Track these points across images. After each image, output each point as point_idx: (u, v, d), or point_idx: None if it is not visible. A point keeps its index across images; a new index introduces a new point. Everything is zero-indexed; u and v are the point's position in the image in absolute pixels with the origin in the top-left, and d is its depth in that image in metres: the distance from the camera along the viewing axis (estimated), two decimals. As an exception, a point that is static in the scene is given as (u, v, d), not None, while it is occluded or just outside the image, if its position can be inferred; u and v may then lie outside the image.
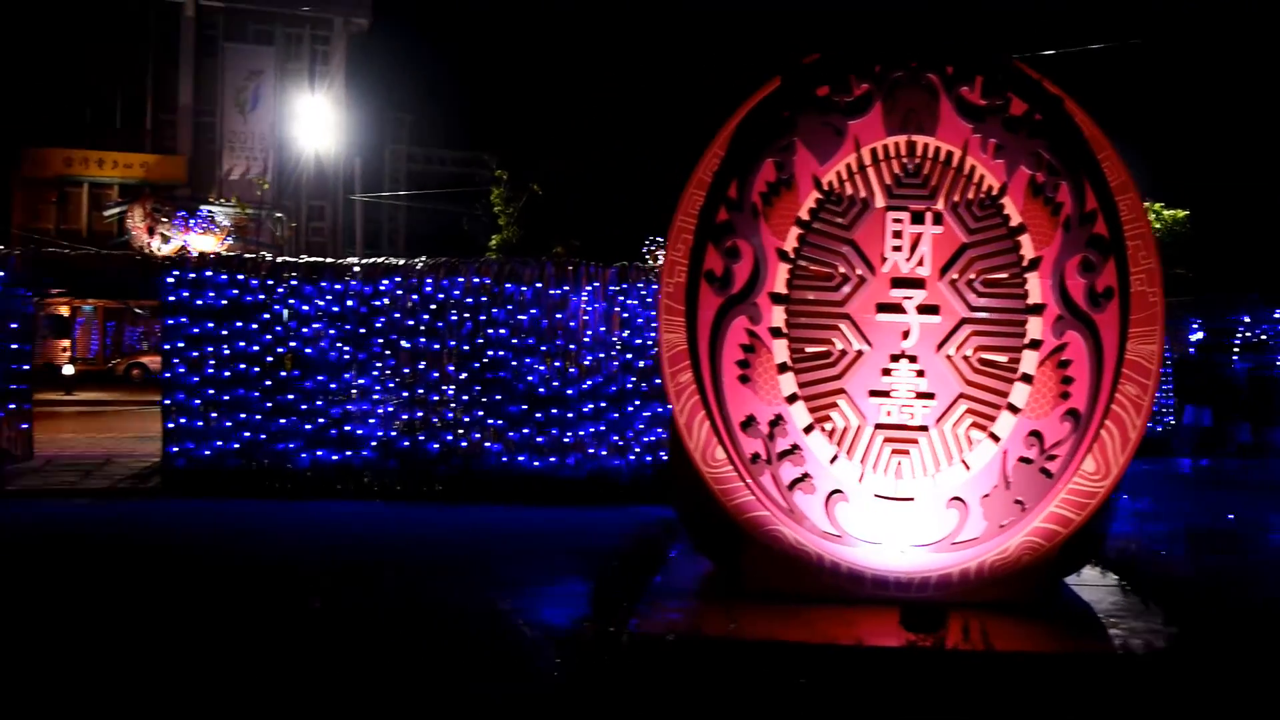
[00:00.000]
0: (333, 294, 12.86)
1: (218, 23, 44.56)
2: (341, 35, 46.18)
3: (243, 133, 43.22)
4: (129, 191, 41.56)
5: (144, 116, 43.12)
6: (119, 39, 42.86)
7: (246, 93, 43.38)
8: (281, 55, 44.82)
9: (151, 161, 42.77)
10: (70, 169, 41.80)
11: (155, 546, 9.73)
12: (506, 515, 11.72)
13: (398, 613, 7.61)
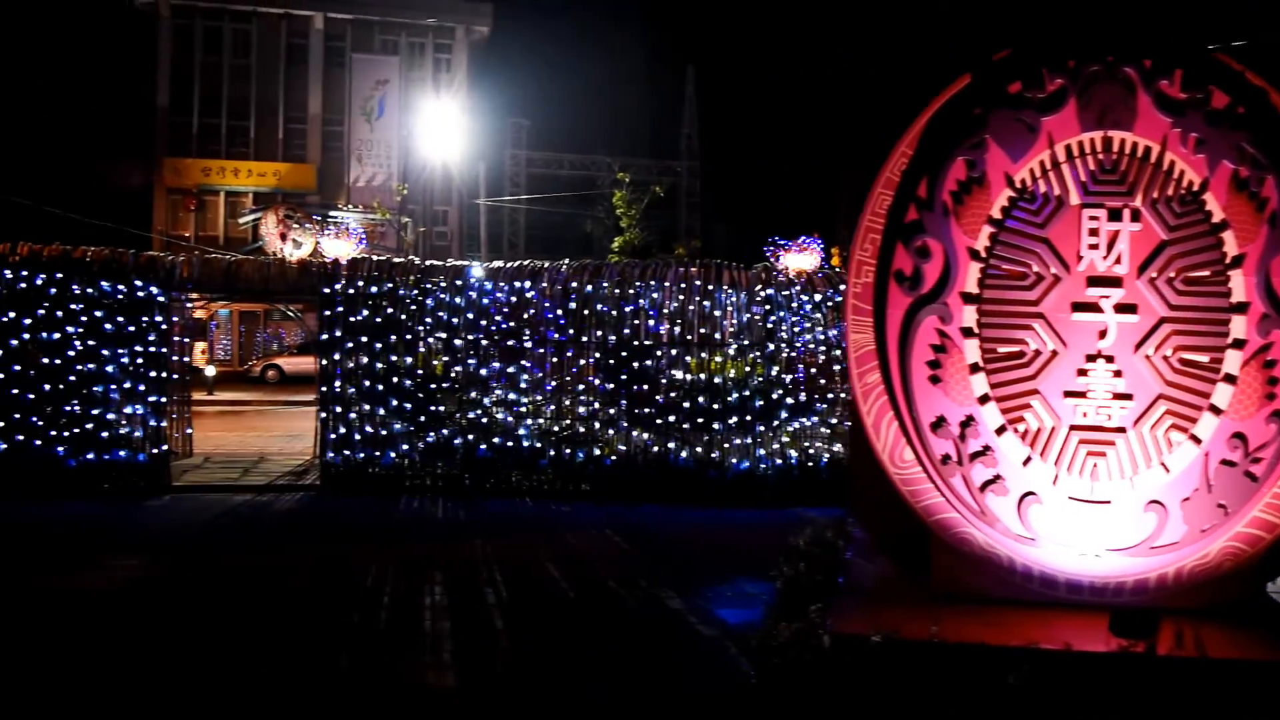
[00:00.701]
0: (483, 296, 13.14)
1: (345, 34, 45.81)
2: (463, 43, 47.06)
3: (369, 140, 44.36)
4: (262, 199, 42.98)
5: (276, 127, 44.57)
6: (253, 53, 44.42)
7: (373, 101, 44.51)
8: (406, 64, 45.88)
9: (283, 170, 44.21)
10: (208, 178, 43.47)
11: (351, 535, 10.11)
12: (657, 514, 11.82)
13: (573, 607, 7.75)
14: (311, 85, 45.18)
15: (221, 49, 44.66)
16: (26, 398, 12.08)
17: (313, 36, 45.42)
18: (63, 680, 5.94)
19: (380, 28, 45.97)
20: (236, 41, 44.86)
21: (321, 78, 45.30)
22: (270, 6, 44.68)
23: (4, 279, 12.17)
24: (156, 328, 12.61)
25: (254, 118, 44.46)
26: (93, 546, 9.44)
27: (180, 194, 43.50)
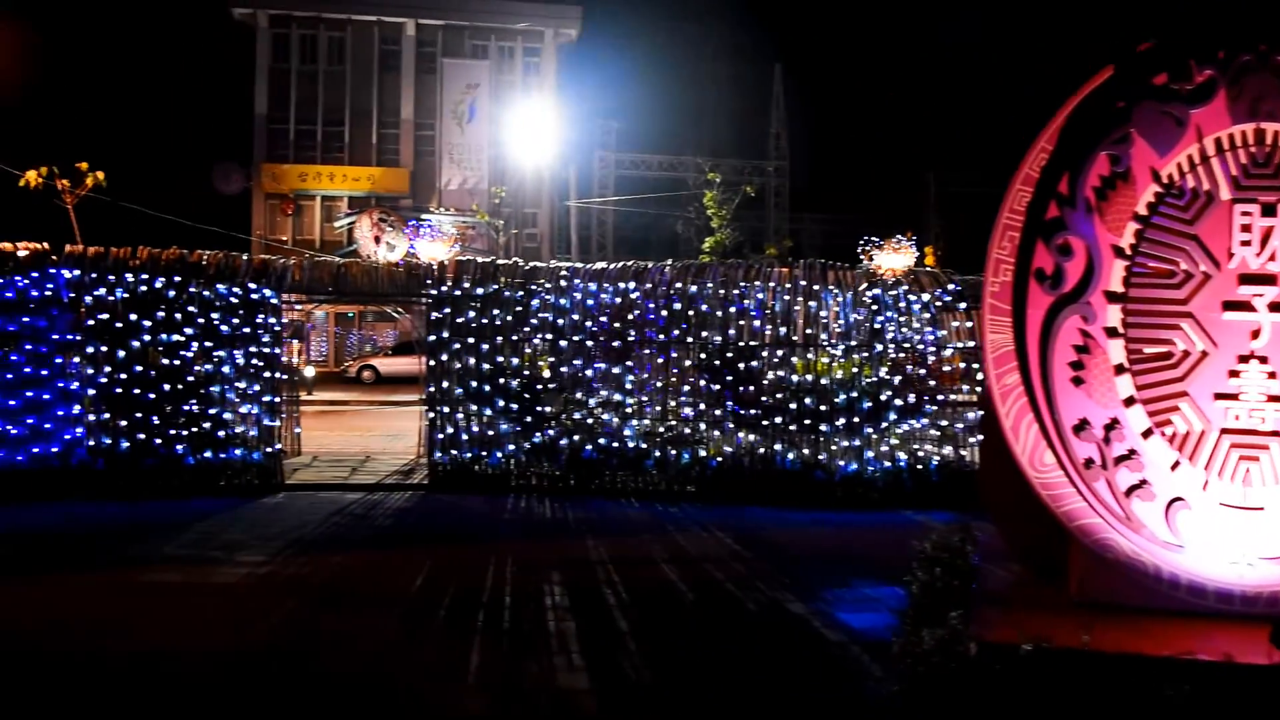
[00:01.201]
0: (589, 297, 13.19)
1: (436, 40, 46.45)
2: (551, 46, 47.38)
3: (460, 144, 44.92)
4: (357, 203, 43.83)
5: (370, 132, 45.38)
6: (347, 60, 45.28)
7: (464, 105, 45.06)
8: (496, 68, 46.36)
9: (377, 174, 45.00)
10: (304, 183, 44.40)
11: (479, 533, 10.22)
12: (764, 516, 11.73)
13: (694, 609, 7.71)
14: (404, 90, 45.89)
15: (317, 57, 45.60)
16: (147, 398, 12.43)
17: (405, 43, 46.14)
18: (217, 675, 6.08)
19: (470, 32, 46.53)
20: (331, 49, 45.76)
21: (413, 83, 46.00)
22: (364, 14, 45.49)
23: (125, 282, 12.53)
24: (270, 329, 12.89)
25: (348, 123, 45.31)
26: (222, 544, 9.65)
27: (278, 199, 44.53)
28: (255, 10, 45.04)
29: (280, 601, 7.63)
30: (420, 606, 7.59)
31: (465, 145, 44.99)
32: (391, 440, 18.88)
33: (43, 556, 9.08)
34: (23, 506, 11.38)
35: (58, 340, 12.24)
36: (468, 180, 44.74)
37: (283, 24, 45.43)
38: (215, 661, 6.27)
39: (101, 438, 12.33)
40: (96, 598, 7.65)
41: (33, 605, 7.46)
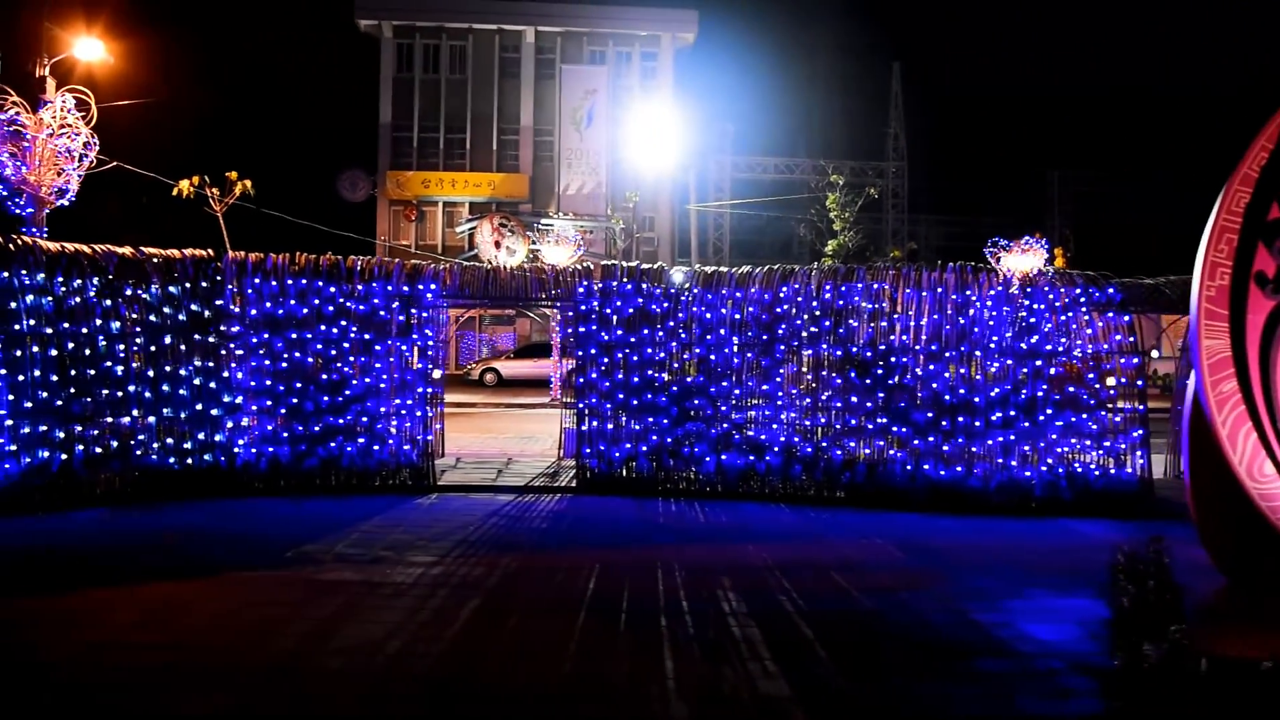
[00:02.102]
0: (734, 301, 13.16)
1: (555, 46, 47.00)
2: (669, 51, 47.53)
3: (579, 149, 45.34)
4: (477, 208, 44.61)
5: (490, 138, 46.14)
6: (468, 68, 46.07)
7: (582, 111, 45.48)
8: (613, 73, 46.68)
9: (497, 180, 45.70)
10: (427, 189, 45.35)
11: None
12: (919, 523, 11.53)
13: (875, 617, 7.59)
14: (523, 97, 46.56)
15: (439, 66, 46.53)
16: (308, 400, 12.79)
17: (524, 50, 46.80)
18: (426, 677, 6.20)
19: (589, 39, 46.97)
20: (453, 58, 46.66)
21: (533, 89, 46.63)
22: (484, 23, 46.30)
23: (285, 285, 12.92)
24: (424, 331, 13.16)
25: (470, 130, 46.15)
26: (389, 544, 9.86)
27: (401, 205, 45.56)
28: (380, 22, 46.19)
29: (461, 603, 7.75)
30: (600, 610, 7.63)
31: (583, 150, 45.39)
32: (525, 443, 19.11)
33: (231, 552, 9.39)
34: (195, 504, 11.81)
35: (233, 344, 12.67)
36: (585, 185, 45.13)
37: (406, 34, 46.48)
38: (421, 662, 6.39)
39: (265, 438, 12.72)
40: (293, 595, 7.86)
41: (240, 602, 7.70)
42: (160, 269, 12.52)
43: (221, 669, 6.18)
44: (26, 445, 11.42)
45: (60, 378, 11.67)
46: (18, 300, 11.49)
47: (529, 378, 35.90)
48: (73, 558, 9.13)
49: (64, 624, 7.03)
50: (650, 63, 47.66)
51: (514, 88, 46.77)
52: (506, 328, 47.28)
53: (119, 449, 12.01)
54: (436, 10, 46.08)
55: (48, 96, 20.80)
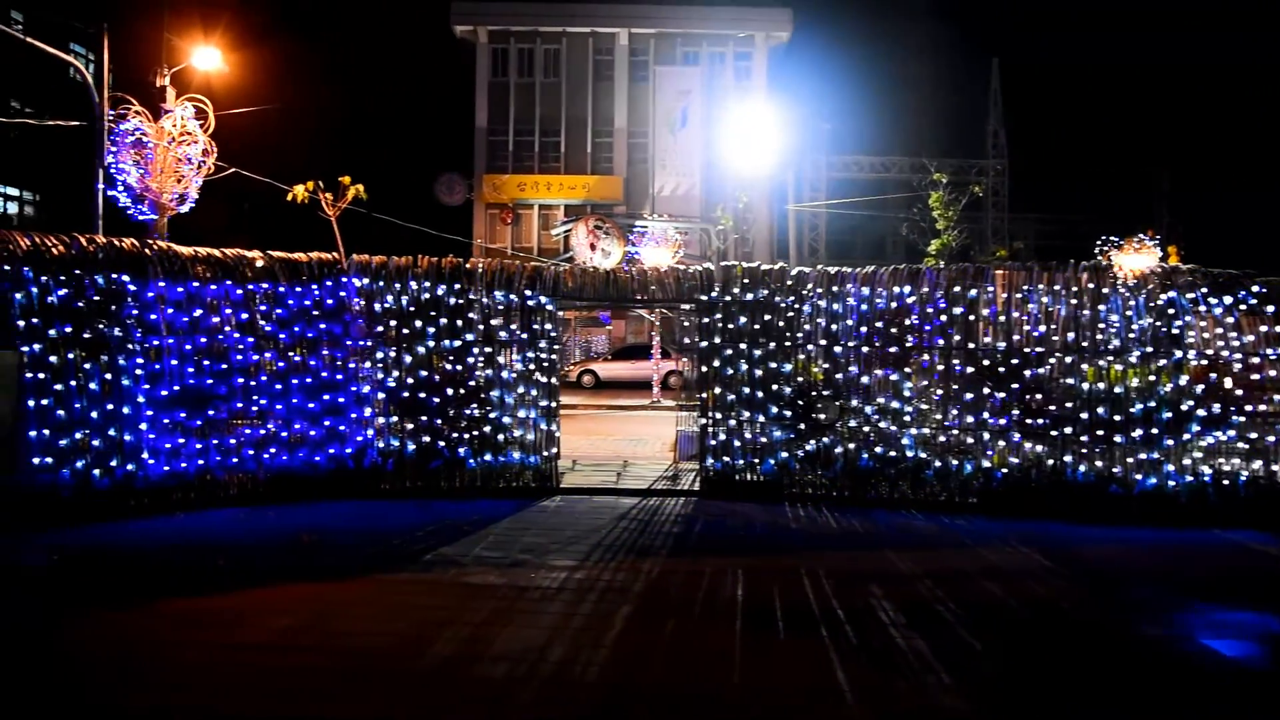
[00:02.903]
0: (859, 300, 12.88)
1: (648, 48, 46.98)
2: (763, 50, 47.19)
3: (673, 150, 45.21)
4: (572, 210, 44.72)
5: (585, 141, 46.28)
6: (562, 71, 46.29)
7: (676, 112, 45.33)
8: (707, 73, 46.47)
9: (591, 182, 45.81)
10: (522, 192, 45.64)
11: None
12: (1060, 531, 11.15)
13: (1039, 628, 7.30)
14: (617, 99, 46.61)
15: (534, 69, 46.81)
16: (432, 402, 12.83)
17: (618, 52, 46.85)
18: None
19: (682, 40, 46.85)
20: (547, 61, 46.90)
21: (627, 91, 46.67)
22: (578, 26, 46.47)
23: (409, 289, 12.98)
24: (546, 335, 13.13)
25: (564, 133, 46.35)
26: (525, 547, 9.81)
27: (497, 208, 45.93)
28: (475, 27, 46.63)
29: (613, 609, 7.63)
30: (756, 618, 7.44)
31: (678, 151, 45.24)
32: (635, 445, 19.01)
33: (371, 553, 9.42)
34: (325, 504, 11.92)
35: (351, 346, 12.78)
36: (680, 186, 44.99)
37: (501, 39, 46.85)
38: (587, 670, 6.28)
39: (390, 440, 12.81)
40: (444, 598, 7.84)
41: (391, 605, 7.69)
42: (289, 273, 12.67)
43: (385, 675, 6.14)
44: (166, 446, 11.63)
45: (197, 380, 11.87)
46: (156, 304, 11.71)
47: (626, 379, 35.89)
48: (218, 558, 9.23)
49: (221, 626, 7.07)
50: (744, 62, 47.35)
51: (608, 90, 46.85)
52: (600, 330, 47.40)
53: (253, 451, 12.17)
54: (531, 15, 46.38)
55: (168, 105, 21.32)
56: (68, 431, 10.95)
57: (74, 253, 11.29)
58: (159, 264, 11.82)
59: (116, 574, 8.63)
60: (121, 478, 11.24)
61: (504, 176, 45.77)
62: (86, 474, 11.01)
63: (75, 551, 9.37)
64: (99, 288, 11.31)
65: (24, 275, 10.85)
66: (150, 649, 6.56)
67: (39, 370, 10.84)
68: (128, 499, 11.29)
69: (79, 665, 6.28)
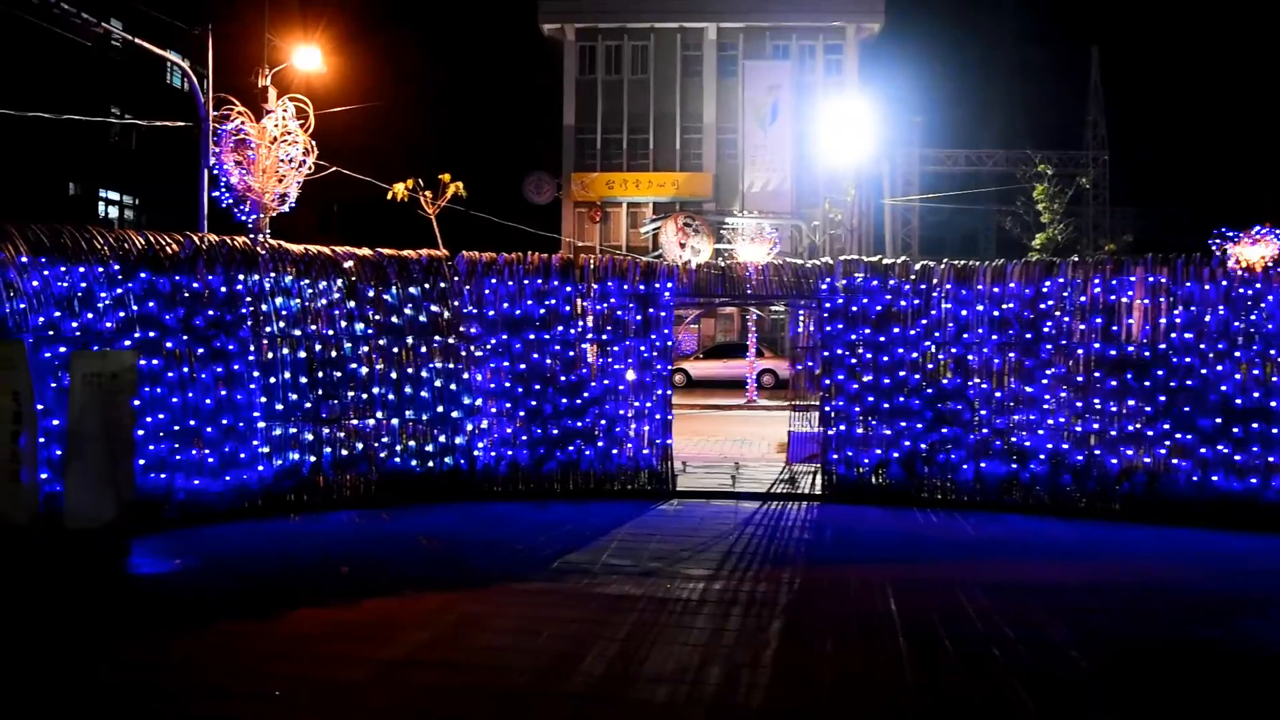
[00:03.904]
0: (990, 297, 12.23)
1: (737, 42, 46.40)
2: (853, 42, 46.31)
3: (763, 146, 44.58)
4: (661, 208, 44.40)
5: (673, 138, 45.85)
6: (650, 68, 45.92)
7: (766, 107, 44.69)
8: (797, 67, 45.73)
9: (680, 179, 45.37)
10: (611, 190, 45.39)
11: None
12: (1213, 541, 10.47)
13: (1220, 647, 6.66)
14: (706, 95, 46.11)
15: (621, 66, 46.54)
16: (545, 401, 12.47)
17: (706, 47, 46.34)
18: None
19: (771, 33, 46.18)
20: (635, 58, 46.58)
21: (715, 87, 46.14)
22: (666, 22, 46.06)
23: (522, 286, 12.64)
24: (660, 332, 12.70)
25: (653, 130, 45.99)
26: (654, 554, 9.40)
27: (586, 207, 45.74)
28: (562, 25, 46.50)
29: (762, 624, 7.16)
30: (918, 636, 6.89)
31: (767, 147, 44.60)
32: (740, 446, 18.54)
33: (495, 560, 9.08)
34: (438, 507, 11.63)
35: (464, 345, 12.48)
36: (770, 182, 44.34)
37: (589, 37, 46.66)
38: (753, 694, 5.82)
39: (505, 441, 12.47)
40: (581, 610, 7.43)
41: (528, 617, 7.31)
42: (397, 270, 12.41)
43: (537, 698, 5.73)
44: (278, 447, 11.45)
45: (309, 380, 11.67)
46: (267, 302, 11.53)
47: (718, 378, 35.38)
48: (342, 565, 8.95)
49: (356, 640, 6.74)
50: (835, 55, 46.51)
51: (696, 86, 46.36)
52: (689, 328, 46.95)
53: (364, 451, 11.94)
54: (618, 11, 46.06)
55: (269, 105, 21.37)
56: (183, 431, 10.80)
57: (187, 251, 11.15)
58: (270, 261, 11.64)
59: (238, 581, 8.39)
60: (237, 480, 11.07)
61: (592, 174, 45.56)
62: (204, 476, 10.85)
63: (194, 556, 9.17)
64: (212, 286, 11.15)
65: (140, 275, 10.72)
66: (290, 665, 6.24)
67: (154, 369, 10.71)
68: (243, 501, 11.13)
69: (213, 683, 5.98)
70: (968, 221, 52.84)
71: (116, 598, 7.98)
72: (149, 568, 8.80)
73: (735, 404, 28.99)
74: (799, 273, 13.03)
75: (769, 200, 43.71)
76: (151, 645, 6.62)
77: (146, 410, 10.46)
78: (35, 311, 9.78)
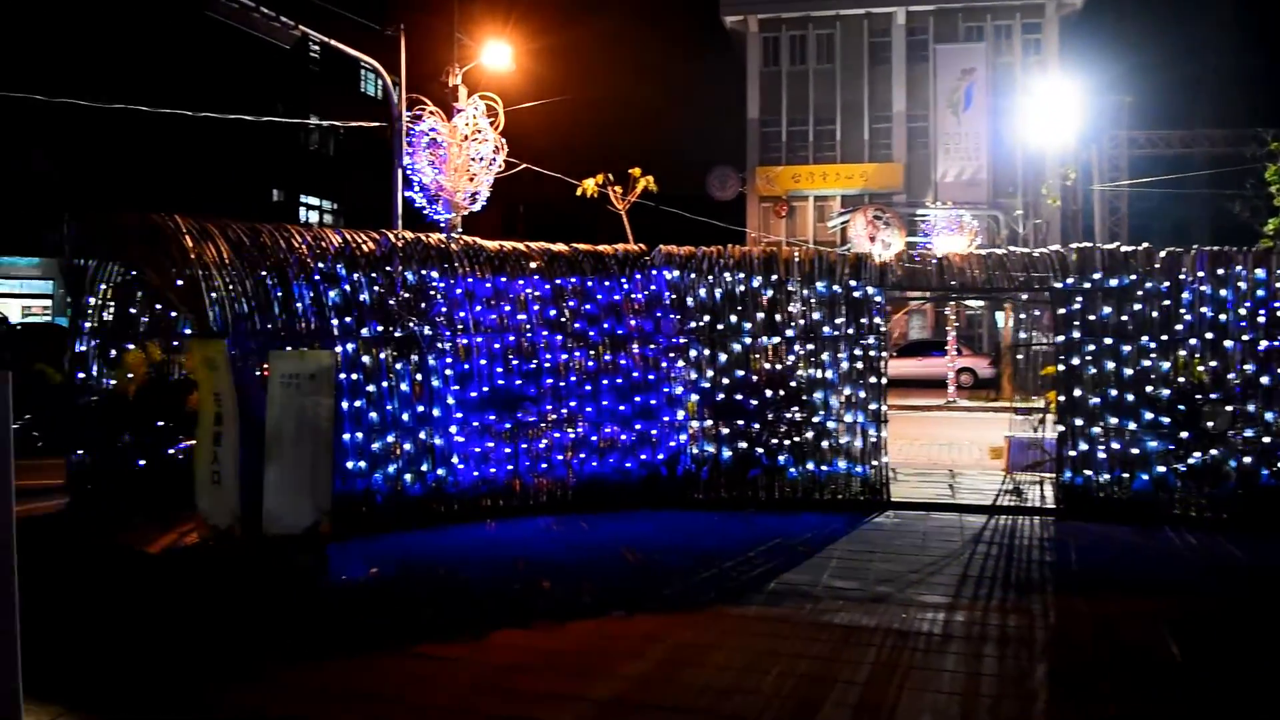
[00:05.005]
0: (1251, 286, 10.77)
1: (927, 26, 44.53)
2: (1053, 20, 43.75)
3: (956, 133, 42.61)
4: (849, 201, 42.97)
5: (861, 128, 44.32)
6: (836, 57, 44.55)
7: (959, 92, 42.70)
8: (992, 49, 43.50)
9: (869, 171, 43.82)
10: (797, 184, 44.27)
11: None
12: None
13: None
14: (895, 83, 44.40)
15: (806, 57, 45.32)
16: (750, 404, 11.67)
17: (894, 33, 44.63)
18: None
19: (964, 14, 44.10)
20: (820, 47, 45.29)
21: (905, 74, 44.37)
22: (852, 9, 44.60)
23: (723, 281, 11.89)
24: (874, 329, 11.73)
25: (839, 121, 44.57)
26: (878, 576, 8.50)
27: (771, 201, 44.71)
28: (745, 17, 45.61)
29: (1025, 668, 6.17)
30: (1221, 686, 5.80)
31: (961, 134, 42.60)
32: (948, 450, 17.37)
33: (704, 578, 8.36)
34: (635, 514, 11.01)
35: (662, 343, 11.83)
36: (965, 171, 42.32)
37: (772, 28, 45.64)
38: None
39: (704, 445, 11.77)
40: (810, 645, 6.62)
41: (750, 651, 6.54)
42: (593, 266, 11.85)
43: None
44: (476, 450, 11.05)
45: (505, 380, 11.23)
46: (464, 300, 11.14)
47: (912, 377, 33.80)
48: (538, 575, 8.39)
49: (565, 672, 6.11)
50: (1033, 34, 44.02)
51: (884, 74, 44.66)
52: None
53: (561, 455, 11.43)
54: (802, 0, 44.82)
55: (459, 105, 21.33)
56: (380, 434, 10.50)
57: (383, 249, 10.86)
58: (465, 259, 11.26)
59: (435, 593, 7.94)
60: (433, 483, 10.71)
61: (777, 168, 44.54)
62: (399, 478, 10.54)
63: (391, 564, 8.80)
64: (408, 284, 10.84)
65: (337, 273, 10.48)
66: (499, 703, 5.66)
67: (352, 371, 10.43)
68: (438, 505, 10.76)
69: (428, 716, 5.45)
70: (1178, 208, 49.20)
71: (311, 609, 7.63)
72: (347, 575, 8.46)
73: (934, 404, 27.56)
74: (1027, 264, 11.82)
75: (963, 190, 41.67)
76: (345, 669, 6.17)
77: (344, 412, 10.19)
78: (235, 310, 9.61)
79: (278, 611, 7.51)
